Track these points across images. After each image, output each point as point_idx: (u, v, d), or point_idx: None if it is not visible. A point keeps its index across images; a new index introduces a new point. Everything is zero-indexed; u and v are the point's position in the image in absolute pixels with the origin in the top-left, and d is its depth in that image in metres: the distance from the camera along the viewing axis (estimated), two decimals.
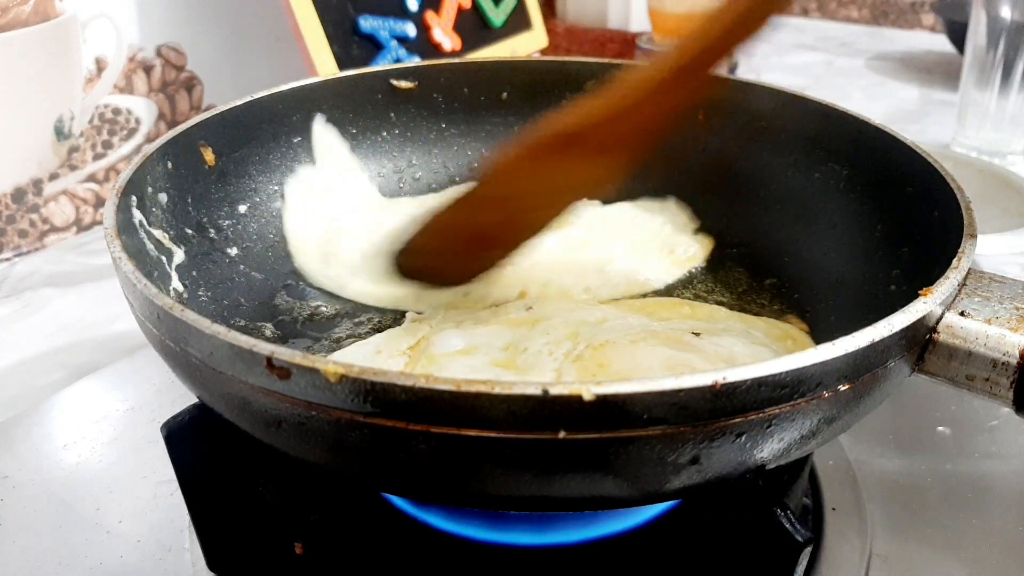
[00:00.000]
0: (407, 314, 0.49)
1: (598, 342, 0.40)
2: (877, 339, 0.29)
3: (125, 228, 0.41)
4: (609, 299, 0.51)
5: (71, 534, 0.45)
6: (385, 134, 0.63)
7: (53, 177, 0.79)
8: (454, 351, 0.42)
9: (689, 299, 0.52)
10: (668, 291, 0.53)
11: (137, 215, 0.43)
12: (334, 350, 0.47)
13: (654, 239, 0.57)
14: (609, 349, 0.39)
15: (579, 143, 0.38)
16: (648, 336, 0.40)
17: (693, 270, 0.55)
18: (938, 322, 0.33)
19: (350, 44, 0.82)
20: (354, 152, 0.61)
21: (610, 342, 0.40)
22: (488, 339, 0.43)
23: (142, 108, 0.85)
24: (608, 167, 0.40)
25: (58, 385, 0.58)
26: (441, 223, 0.42)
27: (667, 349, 0.39)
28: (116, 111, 0.82)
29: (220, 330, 0.30)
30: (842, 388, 0.30)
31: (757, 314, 0.50)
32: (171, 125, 0.86)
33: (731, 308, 0.50)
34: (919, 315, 0.31)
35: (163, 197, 0.46)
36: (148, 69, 0.84)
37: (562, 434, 0.27)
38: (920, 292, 0.32)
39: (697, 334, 0.42)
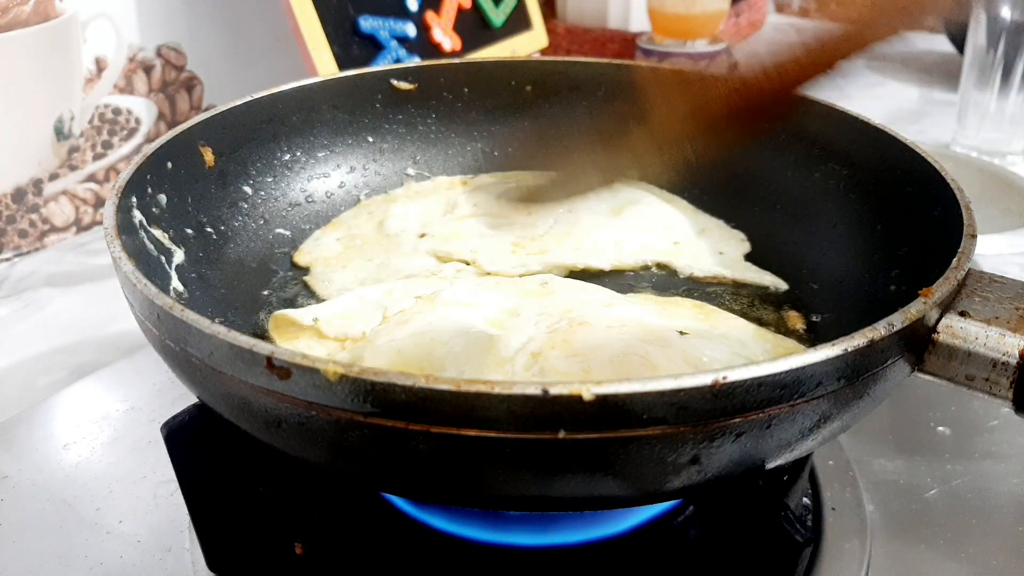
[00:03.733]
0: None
1: (579, 321, 0.41)
2: (877, 339, 0.29)
3: (125, 228, 0.41)
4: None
5: (71, 534, 0.45)
6: (385, 134, 0.63)
7: (53, 177, 0.79)
8: (459, 301, 0.45)
9: (687, 295, 0.52)
10: (663, 284, 0.53)
11: (137, 215, 0.43)
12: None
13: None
14: (583, 329, 0.40)
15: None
16: (632, 326, 0.40)
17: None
18: (938, 322, 0.33)
19: (350, 44, 0.82)
20: (354, 152, 0.61)
21: (588, 323, 0.41)
22: (495, 300, 0.45)
23: (142, 108, 0.85)
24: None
25: (58, 385, 0.58)
26: None
27: (637, 341, 0.39)
28: (116, 111, 0.82)
29: (220, 330, 0.30)
30: (842, 388, 0.30)
31: (757, 315, 0.50)
32: (171, 125, 0.86)
33: (730, 307, 0.51)
34: (919, 315, 0.31)
35: (163, 197, 0.46)
36: (148, 69, 0.84)
37: (562, 434, 0.27)
38: (920, 292, 0.32)
39: (683, 333, 0.42)
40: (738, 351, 0.41)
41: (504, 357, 0.39)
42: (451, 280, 0.50)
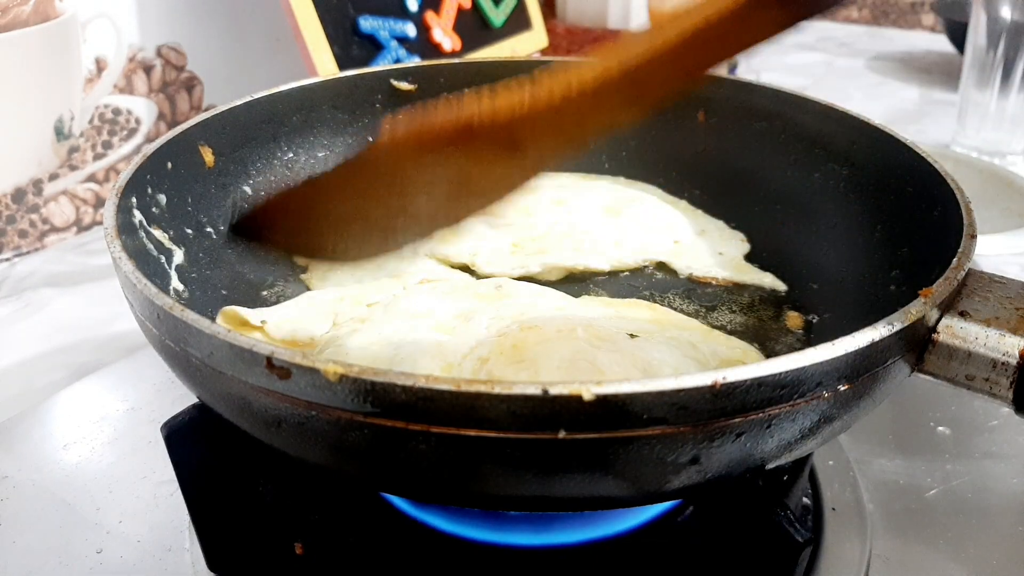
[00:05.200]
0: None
1: (529, 325, 0.41)
2: (877, 339, 0.29)
3: (125, 228, 0.41)
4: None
5: (71, 534, 0.45)
6: None
7: (53, 177, 0.79)
8: (411, 309, 0.45)
9: (686, 296, 0.52)
10: (664, 286, 0.53)
11: (137, 215, 0.43)
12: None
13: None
14: (532, 333, 0.40)
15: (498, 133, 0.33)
16: (581, 329, 0.40)
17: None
18: (938, 322, 0.33)
19: (350, 44, 0.82)
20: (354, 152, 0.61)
21: (537, 327, 0.41)
22: (448, 306, 0.45)
23: (142, 108, 0.85)
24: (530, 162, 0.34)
25: (58, 385, 0.58)
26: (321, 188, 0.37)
27: (585, 345, 0.39)
28: (116, 111, 0.82)
29: (220, 330, 0.30)
30: (842, 388, 0.30)
31: (757, 315, 0.50)
32: (171, 125, 0.86)
33: (730, 307, 0.51)
34: (919, 315, 0.31)
35: (163, 197, 0.46)
36: (148, 69, 0.84)
37: (562, 434, 0.27)
38: (920, 292, 0.32)
39: (633, 336, 0.42)
40: (688, 353, 0.41)
41: (451, 363, 0.39)
42: (406, 285, 0.50)
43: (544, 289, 0.50)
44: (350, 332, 0.44)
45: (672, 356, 0.40)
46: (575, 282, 0.53)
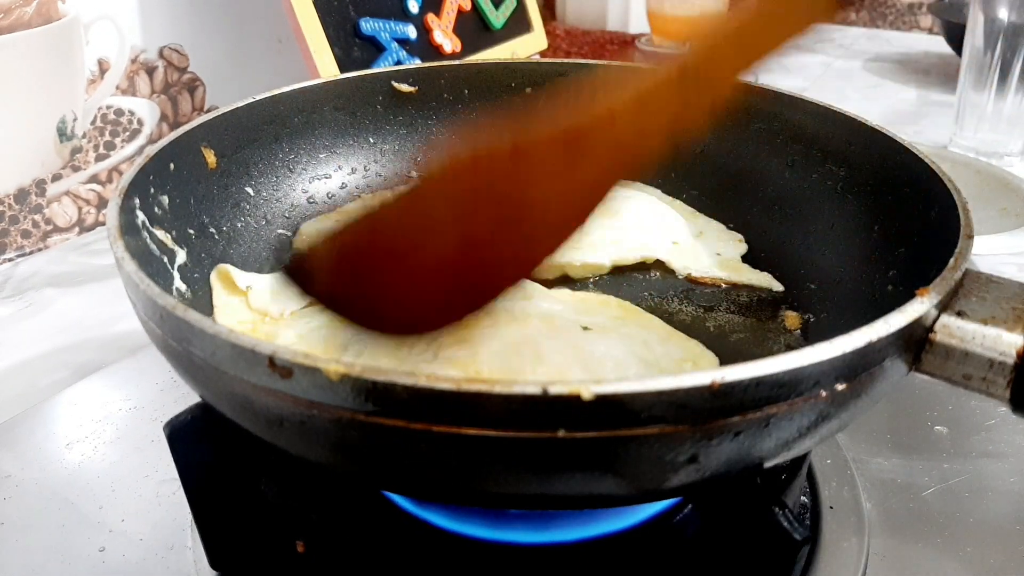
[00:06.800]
0: None
1: (486, 310, 0.41)
2: (874, 339, 0.30)
3: (128, 229, 0.41)
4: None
5: (74, 533, 0.45)
6: (386, 135, 0.63)
7: (56, 178, 0.79)
8: None
9: (685, 296, 0.52)
10: (663, 290, 0.53)
11: (140, 216, 0.44)
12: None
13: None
14: (486, 318, 0.40)
15: (579, 143, 0.31)
16: (537, 318, 0.41)
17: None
18: (935, 322, 0.34)
19: (351, 46, 0.82)
20: (355, 153, 0.62)
21: (493, 313, 0.40)
22: None
23: (144, 109, 0.85)
24: (607, 172, 0.33)
25: (61, 384, 0.58)
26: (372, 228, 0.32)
27: (535, 332, 0.40)
28: (119, 112, 0.83)
29: (222, 330, 0.30)
30: (839, 387, 0.30)
31: (755, 315, 0.50)
32: (173, 126, 0.86)
33: (728, 308, 0.51)
34: (916, 315, 0.31)
35: (165, 198, 0.47)
36: (150, 70, 0.84)
37: (561, 433, 0.27)
38: (917, 292, 0.32)
39: (587, 329, 0.42)
40: (637, 350, 0.42)
41: (406, 343, 0.40)
42: None
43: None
44: (320, 311, 0.44)
45: (618, 351, 0.40)
46: (573, 282, 0.54)
